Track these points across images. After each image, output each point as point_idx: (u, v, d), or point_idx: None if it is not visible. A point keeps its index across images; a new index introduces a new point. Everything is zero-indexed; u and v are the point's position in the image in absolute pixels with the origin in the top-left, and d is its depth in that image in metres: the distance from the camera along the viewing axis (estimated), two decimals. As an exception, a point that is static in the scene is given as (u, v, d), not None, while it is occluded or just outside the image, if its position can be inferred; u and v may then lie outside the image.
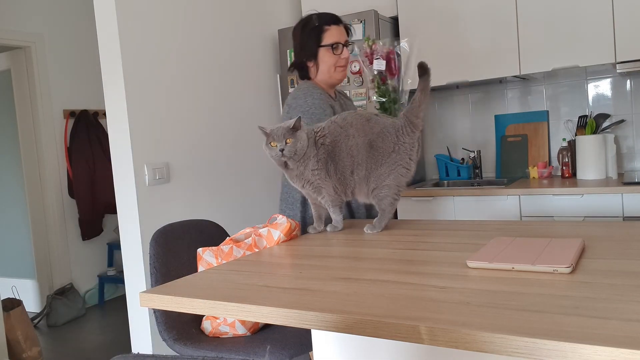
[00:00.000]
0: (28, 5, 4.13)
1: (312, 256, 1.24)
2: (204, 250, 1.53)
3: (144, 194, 2.36)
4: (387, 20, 3.11)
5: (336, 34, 1.87)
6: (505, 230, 1.36)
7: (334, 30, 1.87)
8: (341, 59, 1.88)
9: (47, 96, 4.17)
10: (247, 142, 3.05)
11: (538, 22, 2.75)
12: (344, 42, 1.88)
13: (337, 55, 1.87)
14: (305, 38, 1.89)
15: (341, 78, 1.91)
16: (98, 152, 4.38)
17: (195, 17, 2.73)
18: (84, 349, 3.41)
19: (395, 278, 0.99)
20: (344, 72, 1.91)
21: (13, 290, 4.26)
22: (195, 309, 0.97)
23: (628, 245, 1.10)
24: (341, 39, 1.88)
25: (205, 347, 1.56)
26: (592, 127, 2.82)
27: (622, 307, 0.74)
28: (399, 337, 0.76)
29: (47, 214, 4.20)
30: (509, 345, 0.68)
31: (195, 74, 2.71)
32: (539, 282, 0.89)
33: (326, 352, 1.29)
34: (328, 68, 1.87)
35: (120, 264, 4.40)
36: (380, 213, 1.49)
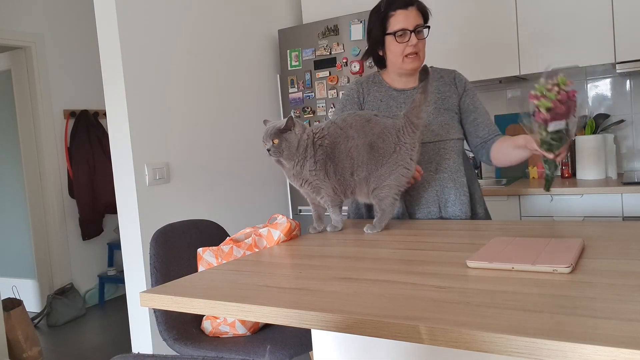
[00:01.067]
0: (28, 5, 4.13)
1: (312, 256, 1.24)
2: (204, 250, 1.53)
3: (144, 194, 2.37)
4: (387, 20, 3.11)
5: (402, 20, 1.68)
6: (505, 230, 1.36)
7: (399, 16, 1.68)
8: (409, 46, 1.68)
9: (47, 96, 4.17)
10: (247, 142, 3.05)
11: (538, 22, 2.75)
12: (412, 28, 1.67)
13: (404, 44, 1.68)
14: (372, 25, 1.77)
15: (413, 67, 1.71)
16: (98, 152, 4.39)
17: (196, 17, 2.73)
18: (84, 349, 3.41)
19: (395, 278, 0.99)
20: (415, 62, 1.70)
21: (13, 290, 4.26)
22: (195, 308, 0.97)
23: (628, 245, 1.10)
24: (408, 24, 1.67)
25: (205, 347, 1.56)
26: (592, 127, 2.82)
27: (622, 307, 0.74)
28: (399, 337, 0.76)
29: (47, 214, 4.20)
30: (509, 345, 0.68)
31: (195, 74, 2.71)
32: (539, 282, 0.90)
33: (326, 352, 1.29)
34: (396, 57, 1.72)
35: (120, 264, 4.40)
36: (381, 213, 1.49)
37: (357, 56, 2.96)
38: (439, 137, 1.72)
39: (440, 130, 1.73)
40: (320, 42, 3.06)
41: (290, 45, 3.16)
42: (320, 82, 3.07)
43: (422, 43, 1.72)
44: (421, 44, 1.71)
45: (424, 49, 1.73)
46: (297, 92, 3.15)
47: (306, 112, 3.13)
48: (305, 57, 3.11)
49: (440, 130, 1.73)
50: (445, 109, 1.76)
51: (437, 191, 1.71)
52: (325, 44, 3.05)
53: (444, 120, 1.74)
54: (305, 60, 3.11)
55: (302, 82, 3.13)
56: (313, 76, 3.09)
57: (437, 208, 1.71)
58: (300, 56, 3.13)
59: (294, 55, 3.15)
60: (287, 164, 1.50)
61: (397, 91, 1.78)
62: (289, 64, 3.17)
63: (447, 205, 1.71)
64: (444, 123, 1.74)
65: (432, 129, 1.74)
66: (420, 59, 1.72)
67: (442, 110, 1.75)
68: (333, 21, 3.02)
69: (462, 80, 1.81)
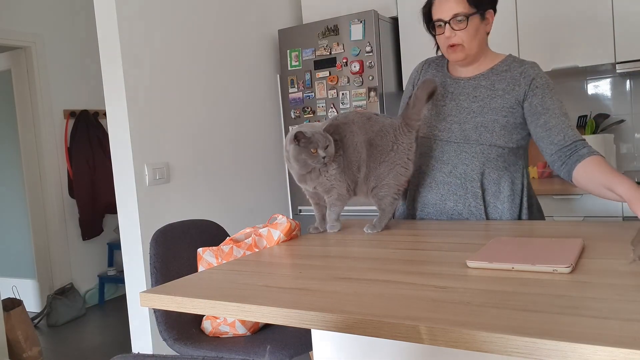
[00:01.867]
0: (28, 5, 4.13)
1: (312, 256, 1.24)
2: (204, 250, 1.53)
3: (144, 194, 2.37)
4: (387, 21, 3.11)
5: (438, 9, 1.54)
6: (505, 230, 1.36)
7: (436, 5, 1.55)
8: (444, 38, 1.55)
9: (47, 96, 4.18)
10: (247, 142, 3.05)
11: (538, 22, 2.75)
12: (448, 18, 1.51)
13: (442, 35, 1.55)
14: (423, 15, 1.64)
15: (457, 59, 1.58)
16: (98, 152, 4.39)
17: (195, 17, 2.73)
18: (84, 349, 3.41)
19: (395, 278, 0.99)
20: (458, 53, 1.56)
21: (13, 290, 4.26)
22: (196, 308, 0.97)
23: (628, 245, 1.10)
24: (443, 14, 1.52)
25: (205, 347, 1.56)
26: (592, 127, 2.82)
27: (622, 307, 0.74)
28: (399, 337, 0.76)
29: (47, 214, 4.20)
30: (509, 345, 0.68)
31: (195, 74, 2.71)
32: (539, 282, 0.90)
33: (326, 352, 1.29)
34: (441, 47, 1.61)
35: (120, 264, 4.40)
36: (380, 213, 1.49)
37: (357, 56, 2.96)
38: (466, 139, 1.56)
39: (472, 132, 1.56)
40: (320, 42, 3.06)
41: (290, 45, 3.16)
42: (320, 82, 3.07)
43: (465, 33, 1.52)
44: (463, 35, 1.52)
45: (470, 39, 1.53)
46: (297, 92, 3.15)
47: (306, 112, 3.13)
48: (305, 57, 3.11)
49: (471, 132, 1.56)
50: (492, 108, 1.55)
51: (442, 195, 1.59)
52: (325, 44, 3.05)
53: (483, 121, 1.55)
54: (305, 60, 3.11)
55: (302, 82, 3.13)
56: (313, 76, 3.09)
57: (437, 212, 1.61)
58: (300, 56, 3.13)
59: (294, 55, 3.15)
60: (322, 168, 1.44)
61: (451, 79, 1.66)
62: (289, 64, 3.17)
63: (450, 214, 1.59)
64: (479, 125, 1.55)
65: (464, 128, 1.57)
66: (465, 49, 1.55)
67: (485, 110, 1.56)
68: (333, 21, 3.02)
69: (530, 75, 1.55)
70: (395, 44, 3.19)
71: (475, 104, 1.58)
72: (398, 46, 3.19)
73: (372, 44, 2.92)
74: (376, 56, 2.92)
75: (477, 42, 1.56)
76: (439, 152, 1.61)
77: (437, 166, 1.60)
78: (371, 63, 2.93)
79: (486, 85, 1.60)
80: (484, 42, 1.60)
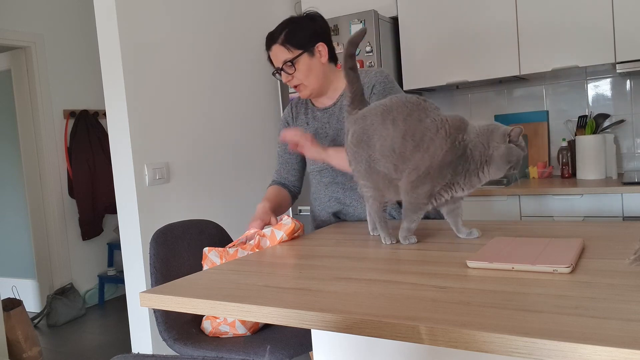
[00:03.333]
0: (28, 5, 4.13)
1: (312, 256, 1.24)
2: (210, 249, 1.54)
3: (144, 194, 2.37)
4: (387, 20, 3.11)
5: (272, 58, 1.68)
6: (505, 230, 1.36)
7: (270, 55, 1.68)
8: (285, 82, 1.69)
9: (47, 96, 4.18)
10: (247, 141, 3.05)
11: (538, 22, 2.75)
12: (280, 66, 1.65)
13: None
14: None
15: (304, 97, 1.71)
16: (98, 152, 4.39)
17: (195, 17, 2.73)
18: (84, 349, 3.41)
19: (395, 278, 0.99)
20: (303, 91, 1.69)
21: (13, 290, 4.26)
22: (196, 308, 0.97)
23: (628, 245, 1.10)
24: (276, 63, 1.67)
25: (205, 347, 1.56)
26: (592, 127, 2.82)
27: (622, 307, 0.74)
28: (399, 337, 0.76)
29: (47, 214, 4.20)
30: (509, 345, 0.68)
31: (195, 73, 2.71)
32: (539, 282, 0.89)
33: (326, 352, 1.29)
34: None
35: (120, 264, 4.41)
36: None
37: (357, 56, 2.96)
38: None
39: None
40: (320, 42, 3.06)
41: (290, 45, 3.15)
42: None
43: (299, 74, 1.63)
44: (298, 75, 1.64)
45: (305, 77, 1.64)
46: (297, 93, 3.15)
47: (306, 112, 3.13)
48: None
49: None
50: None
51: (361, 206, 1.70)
52: (325, 44, 3.04)
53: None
54: (305, 60, 3.11)
55: (302, 82, 3.13)
56: (313, 76, 3.09)
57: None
58: (300, 56, 3.12)
59: (294, 55, 3.15)
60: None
61: (320, 111, 1.75)
62: (289, 64, 3.17)
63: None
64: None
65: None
66: (307, 87, 1.66)
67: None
68: (333, 21, 3.02)
69: (371, 83, 1.65)
70: (395, 44, 3.19)
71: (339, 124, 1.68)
72: (398, 46, 3.19)
73: (372, 44, 2.92)
74: (376, 56, 2.91)
75: (315, 76, 1.65)
76: (340, 176, 1.70)
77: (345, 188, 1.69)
78: (371, 63, 2.93)
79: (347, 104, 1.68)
80: (323, 73, 1.67)
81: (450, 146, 1.18)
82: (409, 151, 1.21)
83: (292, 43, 1.62)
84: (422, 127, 1.20)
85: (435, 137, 1.19)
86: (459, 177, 1.21)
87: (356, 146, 1.30)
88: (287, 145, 1.81)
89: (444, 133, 1.19)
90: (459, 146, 1.19)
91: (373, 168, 1.28)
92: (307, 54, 1.63)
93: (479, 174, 1.22)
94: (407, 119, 1.22)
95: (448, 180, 1.21)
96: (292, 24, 1.63)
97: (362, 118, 1.30)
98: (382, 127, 1.25)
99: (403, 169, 1.23)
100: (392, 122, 1.23)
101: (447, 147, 1.18)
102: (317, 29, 1.65)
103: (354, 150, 1.30)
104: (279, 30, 1.64)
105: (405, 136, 1.21)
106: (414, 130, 1.21)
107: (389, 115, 1.24)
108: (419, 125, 1.21)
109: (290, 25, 1.63)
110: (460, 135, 1.19)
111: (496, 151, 1.19)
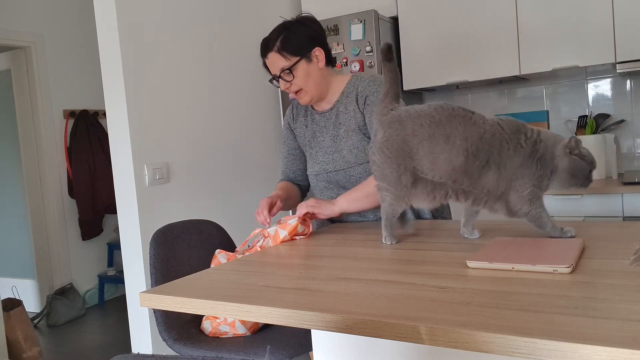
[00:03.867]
0: (28, 5, 4.13)
1: (312, 256, 1.24)
2: (220, 251, 1.57)
3: (144, 194, 2.36)
4: (387, 20, 3.11)
5: (269, 66, 1.67)
6: (505, 230, 1.36)
7: (267, 63, 1.67)
8: (284, 89, 1.68)
9: (47, 96, 4.18)
10: (247, 142, 3.05)
11: (538, 22, 2.75)
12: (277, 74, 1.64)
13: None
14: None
15: (304, 103, 1.70)
16: (98, 152, 4.39)
17: (195, 17, 2.73)
18: (84, 349, 3.41)
19: (395, 278, 0.99)
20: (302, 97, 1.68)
21: (13, 290, 4.26)
22: (195, 309, 0.97)
23: (628, 245, 1.10)
24: (273, 70, 1.65)
25: (205, 347, 1.56)
26: (592, 127, 2.82)
27: (622, 307, 0.74)
28: (399, 337, 0.76)
29: (47, 214, 4.20)
30: (509, 345, 0.68)
31: (195, 73, 2.71)
32: (539, 282, 0.89)
33: (326, 352, 1.29)
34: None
35: (120, 264, 4.40)
36: None
37: (357, 56, 2.96)
38: (348, 163, 1.65)
39: (350, 156, 1.65)
40: (320, 42, 3.06)
41: (290, 45, 3.15)
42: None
43: (298, 80, 1.62)
44: (297, 81, 1.62)
45: (304, 83, 1.63)
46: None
47: (306, 112, 3.13)
48: (305, 57, 3.11)
49: (349, 156, 1.65)
50: (353, 129, 1.65)
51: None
52: (325, 44, 3.04)
53: (354, 143, 1.64)
54: (305, 60, 3.11)
55: (302, 82, 3.13)
56: (313, 76, 3.09)
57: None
58: (300, 56, 3.12)
59: (294, 55, 3.15)
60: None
61: (318, 114, 1.74)
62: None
63: None
64: (353, 147, 1.64)
65: (342, 155, 1.66)
66: (307, 93, 1.65)
67: (350, 133, 1.65)
68: (333, 21, 3.02)
69: (364, 94, 1.64)
70: (395, 43, 3.19)
71: (342, 130, 1.67)
72: (398, 46, 3.19)
73: (372, 44, 2.92)
74: (376, 56, 2.91)
75: (313, 82, 1.65)
76: (334, 183, 1.70)
77: (341, 193, 1.67)
78: (371, 63, 2.93)
79: (343, 110, 1.68)
80: (321, 78, 1.66)
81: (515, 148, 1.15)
82: (477, 169, 1.16)
83: (288, 50, 1.60)
84: (484, 143, 1.15)
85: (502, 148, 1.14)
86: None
87: (392, 153, 1.23)
88: (291, 146, 1.82)
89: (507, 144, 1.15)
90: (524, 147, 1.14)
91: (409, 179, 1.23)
92: (304, 60, 1.61)
93: (543, 181, 1.16)
94: (467, 136, 1.16)
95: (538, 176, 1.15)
96: (286, 30, 1.61)
97: (398, 122, 1.23)
98: (431, 142, 1.18)
99: (474, 186, 1.18)
100: (445, 138, 1.17)
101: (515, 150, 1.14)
102: (312, 34, 1.63)
103: (387, 155, 1.24)
104: (273, 37, 1.62)
105: (467, 155, 1.15)
106: (477, 149, 1.15)
107: (439, 129, 1.18)
108: (480, 142, 1.15)
109: (285, 32, 1.61)
110: (523, 135, 1.15)
111: (561, 163, 1.14)
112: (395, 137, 1.23)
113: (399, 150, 1.22)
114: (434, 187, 1.23)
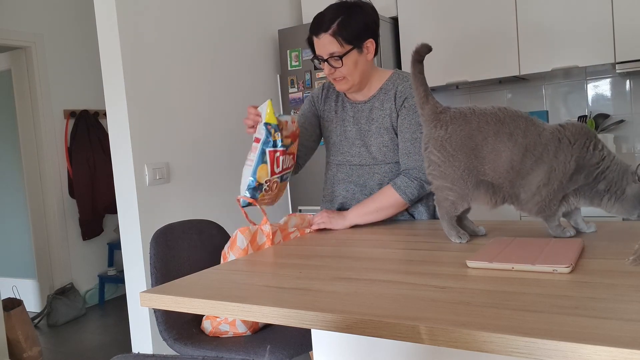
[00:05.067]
0: (28, 5, 4.13)
1: (312, 256, 1.24)
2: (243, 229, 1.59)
3: (144, 194, 2.37)
4: (387, 21, 3.11)
5: (317, 46, 1.58)
6: (505, 230, 1.36)
7: (315, 42, 1.58)
8: (326, 73, 1.60)
9: (47, 96, 4.17)
10: (247, 142, 3.05)
11: (538, 22, 2.75)
12: (324, 57, 1.57)
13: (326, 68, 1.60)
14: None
15: (341, 90, 1.63)
16: (98, 152, 4.39)
17: (195, 17, 2.73)
18: (84, 349, 3.41)
19: (395, 278, 0.99)
20: (341, 85, 1.60)
21: (13, 290, 4.26)
22: (195, 308, 0.97)
23: (628, 245, 1.10)
24: (321, 53, 1.57)
25: (205, 347, 1.56)
26: (592, 127, 2.82)
27: (622, 307, 0.74)
28: (399, 337, 0.76)
29: (47, 214, 4.20)
30: (509, 345, 0.68)
31: (195, 74, 2.71)
32: (539, 282, 0.90)
33: (326, 352, 1.29)
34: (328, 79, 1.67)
35: (120, 264, 4.40)
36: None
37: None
38: (375, 160, 1.64)
39: (378, 153, 1.63)
40: (320, 42, 3.06)
41: (290, 46, 3.16)
42: (320, 82, 3.07)
43: (345, 68, 1.55)
44: (343, 69, 1.55)
45: (350, 72, 1.56)
46: (297, 92, 3.15)
47: (306, 112, 3.13)
48: (305, 57, 3.11)
49: (377, 154, 1.63)
50: (386, 128, 1.62)
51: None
52: (325, 44, 3.04)
53: (383, 142, 1.62)
54: (305, 61, 3.11)
55: (302, 82, 3.13)
56: (313, 76, 3.09)
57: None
58: (300, 56, 3.13)
59: (294, 55, 3.15)
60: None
61: (350, 103, 1.70)
62: (289, 64, 3.17)
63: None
64: (382, 145, 1.63)
65: (370, 150, 1.64)
66: (349, 81, 1.58)
67: (382, 131, 1.63)
68: (333, 21, 3.01)
69: (404, 94, 1.59)
70: (395, 43, 3.19)
71: (374, 126, 1.64)
72: (398, 46, 3.19)
73: (372, 44, 2.91)
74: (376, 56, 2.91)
75: (359, 72, 1.59)
76: (355, 177, 1.68)
77: (356, 190, 1.67)
78: (371, 63, 2.92)
79: (378, 106, 1.64)
80: (366, 70, 1.62)
81: (579, 152, 1.14)
82: (529, 166, 1.17)
83: (344, 36, 1.52)
84: (542, 141, 1.17)
85: (559, 147, 1.15)
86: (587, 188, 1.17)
87: (455, 149, 1.20)
88: (305, 121, 1.74)
89: (567, 141, 1.15)
90: (589, 152, 1.14)
91: (472, 178, 1.21)
92: (356, 50, 1.55)
93: (603, 199, 1.16)
94: (527, 134, 1.17)
95: (579, 185, 1.16)
96: (345, 14, 1.52)
97: (462, 119, 1.21)
98: (496, 139, 1.18)
99: (522, 184, 1.18)
100: (508, 136, 1.17)
101: (576, 153, 1.14)
102: (370, 23, 1.56)
103: (449, 152, 1.21)
104: (330, 17, 1.52)
105: (526, 153, 1.16)
106: (534, 146, 1.16)
107: (504, 127, 1.18)
108: (539, 139, 1.17)
109: (343, 15, 1.52)
110: (590, 142, 1.15)
111: (629, 188, 1.13)
112: (459, 133, 1.21)
113: (463, 147, 1.20)
114: (494, 190, 1.22)
